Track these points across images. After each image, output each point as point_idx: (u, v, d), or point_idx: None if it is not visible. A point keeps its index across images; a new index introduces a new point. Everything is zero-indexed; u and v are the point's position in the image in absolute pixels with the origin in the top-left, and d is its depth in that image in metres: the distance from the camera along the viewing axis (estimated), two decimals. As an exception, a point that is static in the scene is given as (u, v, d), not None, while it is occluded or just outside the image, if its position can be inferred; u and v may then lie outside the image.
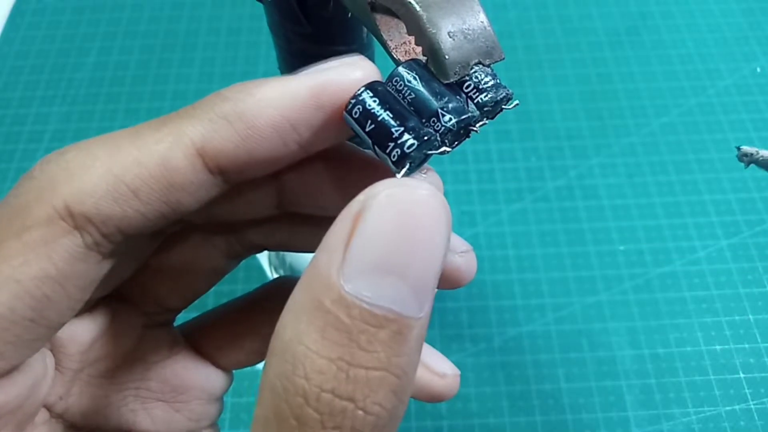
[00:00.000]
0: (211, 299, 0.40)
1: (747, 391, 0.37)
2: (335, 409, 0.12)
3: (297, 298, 0.13)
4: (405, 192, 0.13)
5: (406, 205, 0.12)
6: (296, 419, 0.12)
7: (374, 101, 0.15)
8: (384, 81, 0.16)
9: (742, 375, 0.38)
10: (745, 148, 0.14)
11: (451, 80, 0.16)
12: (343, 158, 0.18)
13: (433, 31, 0.15)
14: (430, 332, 0.40)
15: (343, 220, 0.13)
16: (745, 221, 0.44)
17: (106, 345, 0.18)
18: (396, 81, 0.16)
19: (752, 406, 0.37)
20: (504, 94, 0.16)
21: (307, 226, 0.19)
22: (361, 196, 0.13)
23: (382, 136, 0.15)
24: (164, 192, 0.15)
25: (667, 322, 0.40)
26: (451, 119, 0.15)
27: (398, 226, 0.12)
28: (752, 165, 0.15)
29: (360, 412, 0.12)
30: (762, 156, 0.14)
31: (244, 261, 0.21)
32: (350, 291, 0.12)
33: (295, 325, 0.12)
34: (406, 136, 0.15)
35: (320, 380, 0.12)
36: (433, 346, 0.39)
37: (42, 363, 0.16)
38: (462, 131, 0.16)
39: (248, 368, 0.19)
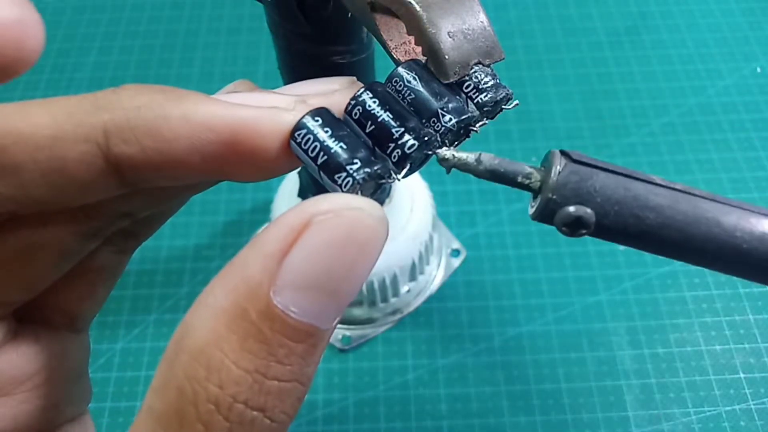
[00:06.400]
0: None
1: (747, 391, 0.37)
2: (245, 418, 0.12)
3: (218, 298, 0.12)
4: (356, 216, 0.12)
5: (356, 230, 0.12)
6: (204, 424, 0.12)
7: (374, 102, 0.15)
8: (384, 82, 0.16)
9: (742, 375, 0.38)
10: (443, 152, 0.15)
11: (451, 80, 0.16)
12: None
13: (433, 31, 0.15)
14: (430, 332, 0.40)
15: (282, 228, 0.12)
16: (745, 221, 0.44)
17: None
18: (396, 81, 0.16)
19: (752, 406, 0.37)
20: (504, 94, 0.16)
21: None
22: (309, 207, 0.12)
23: (382, 136, 0.15)
24: (52, 176, 0.13)
25: (667, 322, 0.40)
26: (451, 119, 0.15)
27: (344, 249, 0.12)
28: (454, 170, 0.15)
29: (267, 421, 0.12)
30: (460, 159, 0.14)
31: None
32: (279, 304, 0.12)
33: (213, 328, 0.12)
34: (406, 137, 0.15)
35: (235, 391, 0.12)
36: (433, 346, 0.39)
37: None
38: (462, 131, 0.16)
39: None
